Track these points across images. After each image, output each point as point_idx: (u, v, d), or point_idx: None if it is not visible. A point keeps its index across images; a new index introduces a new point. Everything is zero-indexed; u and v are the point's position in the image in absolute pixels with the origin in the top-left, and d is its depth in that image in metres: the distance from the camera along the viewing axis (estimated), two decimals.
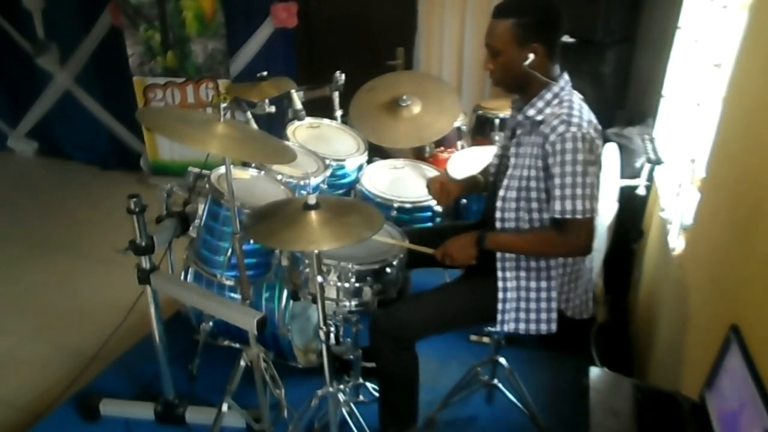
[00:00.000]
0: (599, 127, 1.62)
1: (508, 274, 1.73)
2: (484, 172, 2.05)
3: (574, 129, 1.53)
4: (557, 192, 1.56)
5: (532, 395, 2.12)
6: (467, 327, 2.42)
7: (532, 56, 1.59)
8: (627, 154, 2.59)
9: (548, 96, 1.63)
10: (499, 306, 1.74)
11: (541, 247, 1.67)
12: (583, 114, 1.59)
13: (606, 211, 2.38)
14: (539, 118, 1.63)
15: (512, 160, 1.71)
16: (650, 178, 2.43)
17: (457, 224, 2.14)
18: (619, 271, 2.58)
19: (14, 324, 2.89)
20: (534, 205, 1.67)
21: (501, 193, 1.71)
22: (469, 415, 2.23)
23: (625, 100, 3.26)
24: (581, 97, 1.67)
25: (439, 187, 1.98)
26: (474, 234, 1.71)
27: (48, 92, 4.92)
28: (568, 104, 1.60)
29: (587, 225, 1.58)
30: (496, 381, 2.20)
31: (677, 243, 2.00)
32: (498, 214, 1.72)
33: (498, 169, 1.85)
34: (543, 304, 1.74)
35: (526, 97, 1.69)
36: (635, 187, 2.45)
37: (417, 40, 3.95)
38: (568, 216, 1.56)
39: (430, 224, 2.46)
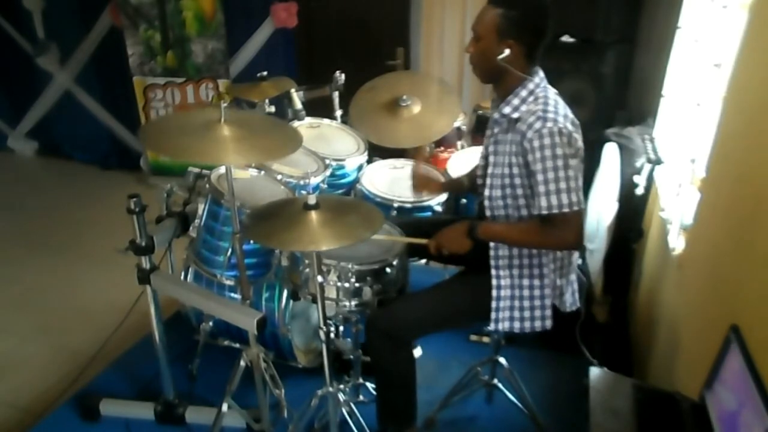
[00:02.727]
0: (576, 121, 1.62)
1: (501, 272, 1.74)
2: (472, 174, 2.06)
3: (550, 124, 1.54)
4: (541, 188, 1.56)
5: (532, 395, 2.12)
6: (464, 325, 2.43)
7: (507, 51, 1.61)
8: (627, 154, 2.59)
9: (523, 93, 1.64)
10: (494, 304, 1.75)
11: (532, 237, 1.65)
12: (559, 109, 1.60)
13: (606, 211, 2.38)
14: (515, 115, 1.64)
15: (492, 159, 1.73)
16: (650, 178, 2.43)
17: (455, 218, 2.14)
18: (619, 271, 2.58)
19: (14, 324, 2.88)
20: (522, 201, 1.68)
21: (486, 192, 1.73)
22: (469, 415, 2.23)
23: (625, 100, 3.26)
24: (556, 92, 1.68)
25: (423, 181, 2.09)
26: (465, 223, 1.71)
27: (48, 92, 4.92)
28: (543, 100, 1.61)
29: (575, 218, 1.57)
30: (496, 381, 2.20)
31: (677, 243, 2.00)
32: (488, 213, 1.75)
33: (484, 170, 1.86)
34: (537, 302, 1.75)
35: (501, 92, 1.70)
36: (636, 185, 2.45)
37: (417, 40, 3.95)
38: (555, 211, 1.55)
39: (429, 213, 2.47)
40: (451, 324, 1.92)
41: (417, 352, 2.48)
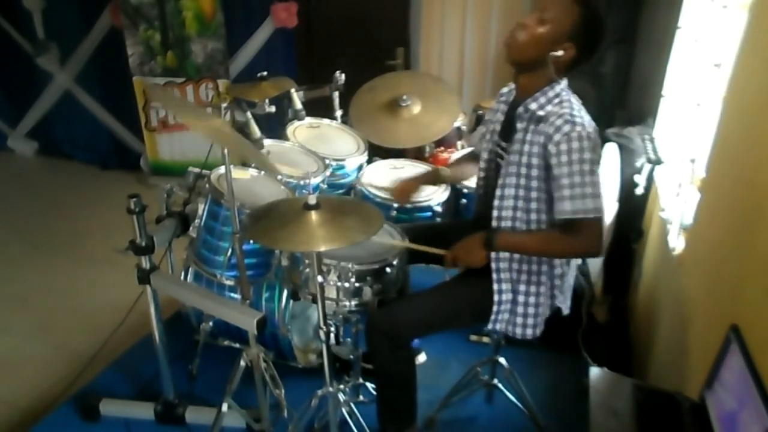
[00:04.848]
0: (597, 128, 1.61)
1: (503, 276, 1.73)
2: (456, 164, 2.07)
3: (579, 129, 1.52)
4: (566, 192, 1.54)
5: (532, 395, 2.12)
6: (463, 326, 2.42)
7: (561, 53, 1.57)
8: (627, 154, 2.59)
9: (550, 93, 1.61)
10: (494, 308, 1.75)
11: (552, 246, 1.64)
12: (583, 115, 1.59)
13: (606, 211, 2.37)
14: (541, 113, 1.60)
15: (509, 157, 1.68)
16: (650, 178, 2.43)
17: (457, 222, 2.14)
18: (619, 271, 2.58)
19: (14, 324, 2.89)
20: (533, 205, 1.66)
21: (498, 192, 1.70)
22: (469, 415, 2.23)
23: (625, 100, 3.26)
24: (579, 100, 1.66)
25: (399, 192, 2.06)
26: (481, 235, 1.68)
27: (48, 92, 4.92)
28: (568, 104, 1.59)
29: (598, 224, 1.56)
30: (496, 381, 2.20)
31: (677, 243, 2.00)
32: (495, 213, 1.71)
33: (489, 166, 1.84)
34: (530, 309, 1.75)
35: (525, 85, 1.65)
36: (636, 185, 2.45)
37: (417, 40, 3.95)
38: (579, 216, 1.54)
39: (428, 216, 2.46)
40: (450, 325, 1.92)
41: (421, 357, 2.48)
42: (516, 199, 1.67)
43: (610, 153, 2.60)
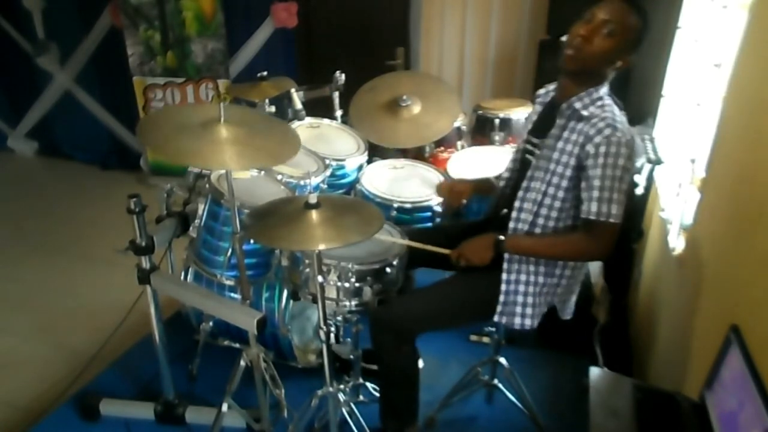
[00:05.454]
0: (634, 137, 1.62)
1: (515, 266, 1.74)
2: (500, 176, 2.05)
3: (619, 134, 1.54)
4: (595, 193, 1.55)
5: (532, 395, 2.12)
6: (467, 322, 2.41)
7: (619, 64, 1.60)
8: None
9: (595, 95, 1.62)
10: (501, 298, 1.76)
11: (561, 250, 1.67)
12: (624, 121, 1.60)
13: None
14: (585, 113, 1.61)
15: (541, 152, 1.69)
16: (650, 178, 2.43)
17: (460, 223, 2.14)
18: (619, 271, 2.58)
19: (14, 324, 2.89)
20: (557, 204, 1.66)
21: (525, 183, 1.70)
22: (469, 415, 2.23)
23: (625, 100, 3.25)
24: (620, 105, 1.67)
25: (449, 189, 2.01)
26: (491, 236, 1.70)
27: (48, 92, 4.92)
28: (609, 108, 1.60)
29: (614, 230, 1.58)
30: (496, 381, 2.20)
31: (677, 243, 2.00)
32: (517, 204, 1.71)
33: (515, 166, 1.84)
34: (529, 299, 1.76)
35: (571, 86, 1.64)
36: (636, 185, 2.45)
37: (417, 40, 3.95)
38: (602, 218, 1.55)
39: (430, 224, 2.46)
40: (454, 320, 1.91)
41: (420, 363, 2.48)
42: (537, 193, 1.67)
43: None
